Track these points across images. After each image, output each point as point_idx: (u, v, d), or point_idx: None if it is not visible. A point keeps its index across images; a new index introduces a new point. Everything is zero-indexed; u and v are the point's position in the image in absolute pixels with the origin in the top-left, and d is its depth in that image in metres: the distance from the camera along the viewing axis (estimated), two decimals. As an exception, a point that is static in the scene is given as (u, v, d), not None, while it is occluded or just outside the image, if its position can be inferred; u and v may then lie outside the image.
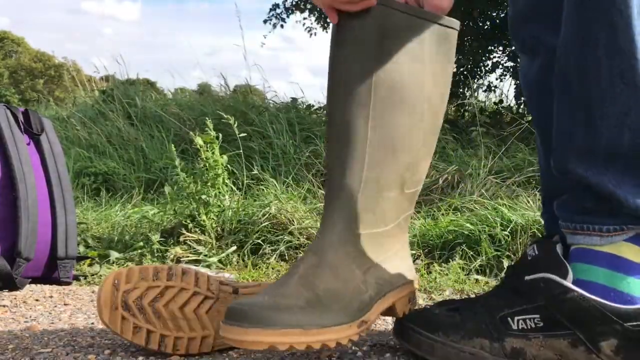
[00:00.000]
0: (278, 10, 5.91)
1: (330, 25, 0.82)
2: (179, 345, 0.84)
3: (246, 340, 0.67)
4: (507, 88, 9.26)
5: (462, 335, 0.76)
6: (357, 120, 0.77)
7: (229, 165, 2.07)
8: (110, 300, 0.83)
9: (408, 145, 0.80)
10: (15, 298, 1.28)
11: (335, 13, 0.78)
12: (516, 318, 0.76)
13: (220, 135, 2.03)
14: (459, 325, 0.77)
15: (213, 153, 1.95)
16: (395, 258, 0.84)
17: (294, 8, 5.81)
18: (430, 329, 0.78)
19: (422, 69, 0.80)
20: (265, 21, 5.93)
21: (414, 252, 1.66)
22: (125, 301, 0.83)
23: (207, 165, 1.94)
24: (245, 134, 2.63)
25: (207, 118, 2.05)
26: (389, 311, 0.82)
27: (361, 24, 0.77)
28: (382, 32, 0.77)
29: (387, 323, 1.08)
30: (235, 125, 2.14)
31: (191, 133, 2.12)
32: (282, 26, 5.94)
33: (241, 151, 2.49)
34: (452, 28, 0.83)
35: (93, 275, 1.56)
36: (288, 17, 5.90)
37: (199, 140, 1.93)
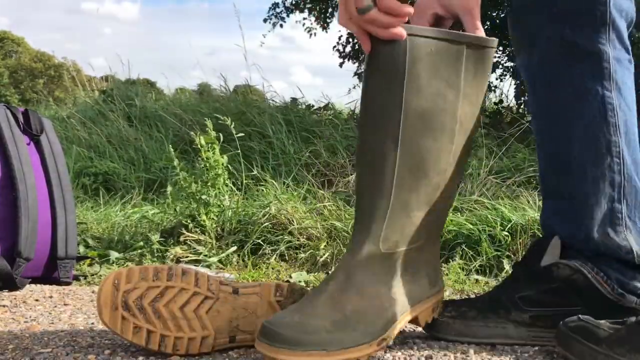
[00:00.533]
0: (278, 10, 5.92)
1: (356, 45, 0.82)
2: (179, 346, 0.84)
3: (276, 358, 0.73)
4: (507, 88, 9.25)
5: (627, 349, 0.79)
6: (385, 146, 0.79)
7: (229, 165, 2.07)
8: (110, 301, 0.83)
9: (437, 167, 0.81)
10: (15, 298, 1.28)
11: (368, 40, 0.78)
12: None
13: (221, 135, 2.03)
14: (624, 339, 0.80)
15: (213, 153, 1.95)
16: (425, 271, 0.86)
17: (293, 7, 5.81)
18: (594, 341, 0.81)
19: (456, 94, 0.80)
20: (265, 20, 5.93)
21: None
22: (125, 301, 0.83)
23: (207, 165, 1.94)
24: (243, 134, 2.63)
25: (206, 118, 2.05)
26: (411, 322, 0.86)
27: (390, 52, 0.77)
28: (412, 60, 0.77)
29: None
30: (232, 126, 2.14)
31: (192, 133, 2.12)
32: (281, 25, 5.94)
33: (239, 151, 2.49)
34: (488, 47, 0.82)
35: (93, 275, 1.56)
36: (288, 16, 5.90)
37: (200, 140, 1.93)
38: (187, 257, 1.74)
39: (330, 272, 1.55)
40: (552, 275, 0.90)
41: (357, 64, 5.71)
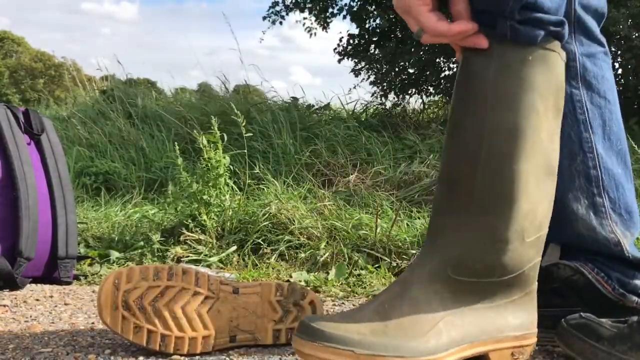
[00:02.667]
0: (277, 8, 5.91)
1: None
2: (180, 345, 0.84)
3: (302, 351, 0.72)
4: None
5: (629, 347, 0.79)
6: (465, 165, 0.76)
7: (231, 165, 2.07)
8: (110, 300, 0.83)
9: (522, 192, 0.75)
10: (15, 298, 1.28)
11: (460, 51, 0.77)
12: None
13: (225, 135, 2.03)
14: (626, 337, 0.80)
15: (216, 153, 1.95)
16: (511, 310, 0.79)
17: (293, 6, 5.80)
18: (595, 339, 0.81)
19: (537, 118, 0.75)
20: (264, 18, 5.93)
21: (414, 251, 1.66)
22: (125, 301, 0.83)
23: (209, 165, 1.94)
24: (252, 134, 2.63)
25: (212, 117, 2.05)
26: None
27: (476, 62, 0.75)
28: (498, 70, 0.74)
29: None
30: (244, 124, 2.14)
31: (195, 132, 2.12)
32: (280, 23, 5.93)
33: (245, 151, 2.50)
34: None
35: (93, 275, 1.56)
36: (287, 14, 5.90)
37: (203, 140, 1.93)
38: (187, 256, 1.74)
39: (329, 271, 1.56)
40: (553, 275, 0.91)
41: (355, 61, 5.71)
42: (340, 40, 5.73)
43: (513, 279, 0.78)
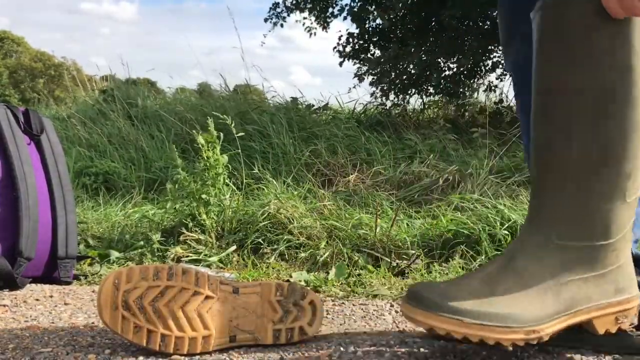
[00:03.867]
0: (278, 9, 5.91)
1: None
2: (180, 345, 0.84)
3: (413, 317, 0.75)
4: (507, 88, 9.24)
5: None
6: (558, 133, 0.76)
7: (229, 165, 2.07)
8: (110, 300, 0.83)
9: (623, 153, 0.75)
10: (15, 297, 1.28)
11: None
12: None
13: (222, 134, 2.03)
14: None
15: (214, 152, 1.95)
16: (611, 274, 0.80)
17: (293, 7, 5.81)
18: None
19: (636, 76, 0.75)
20: (266, 20, 5.93)
21: (413, 251, 1.66)
22: (125, 301, 0.83)
23: (207, 164, 1.94)
24: (244, 134, 2.63)
25: (208, 117, 2.05)
26: (585, 326, 0.80)
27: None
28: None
29: (386, 322, 1.08)
30: (233, 125, 2.14)
31: (194, 132, 2.12)
32: (282, 25, 5.94)
33: (239, 151, 2.49)
34: None
35: (93, 274, 1.56)
36: (288, 15, 5.90)
37: (200, 140, 1.93)
38: (187, 256, 1.74)
39: (329, 271, 1.56)
40: None
41: (357, 65, 5.72)
42: (340, 39, 5.73)
43: (616, 242, 0.78)
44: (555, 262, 0.77)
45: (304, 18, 5.94)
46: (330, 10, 5.75)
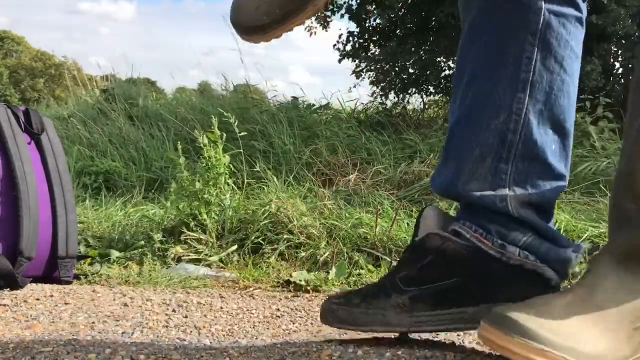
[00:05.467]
0: (278, 9, 5.91)
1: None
2: None
3: (494, 341, 0.70)
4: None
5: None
6: None
7: (231, 165, 2.07)
8: None
9: None
10: (15, 297, 1.28)
11: None
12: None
13: (224, 134, 2.03)
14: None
15: (216, 152, 1.95)
16: None
17: (294, 7, 5.80)
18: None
19: None
20: (265, 19, 5.92)
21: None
22: None
23: (209, 164, 1.94)
24: (246, 133, 2.63)
25: (212, 116, 2.05)
26: None
27: None
28: None
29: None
30: (235, 124, 2.14)
31: (196, 131, 2.12)
32: (281, 25, 5.93)
33: (241, 150, 2.49)
34: None
35: (94, 274, 1.56)
36: (288, 15, 5.89)
37: (203, 139, 1.93)
38: (187, 255, 1.74)
39: (329, 270, 1.56)
40: (425, 246, 0.85)
41: (356, 62, 5.71)
42: (340, 37, 5.73)
43: None
44: (630, 306, 0.74)
45: (304, 18, 5.93)
46: (330, 7, 5.75)
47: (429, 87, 5.52)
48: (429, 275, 0.83)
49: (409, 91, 5.50)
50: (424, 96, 5.54)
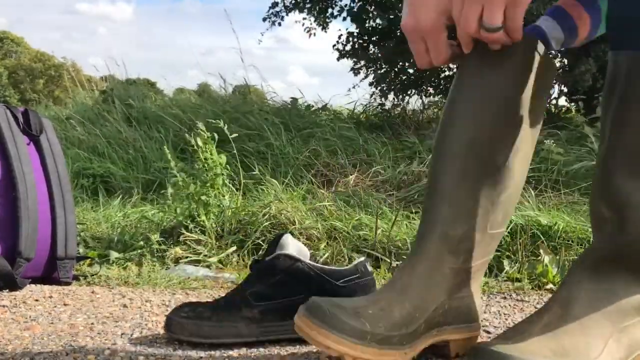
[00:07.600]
0: (277, 9, 5.92)
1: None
2: None
3: None
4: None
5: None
6: None
7: (228, 166, 2.07)
8: None
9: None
10: (14, 298, 1.28)
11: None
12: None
13: (217, 135, 2.03)
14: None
15: (211, 153, 1.94)
16: None
17: (293, 7, 5.81)
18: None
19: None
20: (264, 19, 5.93)
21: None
22: None
23: (206, 165, 1.94)
24: (240, 135, 2.63)
25: (207, 120, 2.05)
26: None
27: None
28: None
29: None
30: (226, 127, 2.13)
31: (187, 135, 2.12)
32: (279, 24, 5.94)
33: (235, 152, 2.49)
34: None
35: (93, 275, 1.55)
36: (287, 14, 5.90)
37: (198, 141, 1.93)
38: (187, 257, 1.73)
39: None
40: (275, 267, 0.94)
41: (354, 61, 5.72)
42: (340, 38, 5.73)
43: None
44: (612, 308, 0.77)
45: (304, 18, 5.95)
46: (330, 10, 5.75)
47: (428, 88, 5.52)
48: (279, 292, 0.94)
49: (408, 92, 5.50)
50: (423, 97, 5.54)
